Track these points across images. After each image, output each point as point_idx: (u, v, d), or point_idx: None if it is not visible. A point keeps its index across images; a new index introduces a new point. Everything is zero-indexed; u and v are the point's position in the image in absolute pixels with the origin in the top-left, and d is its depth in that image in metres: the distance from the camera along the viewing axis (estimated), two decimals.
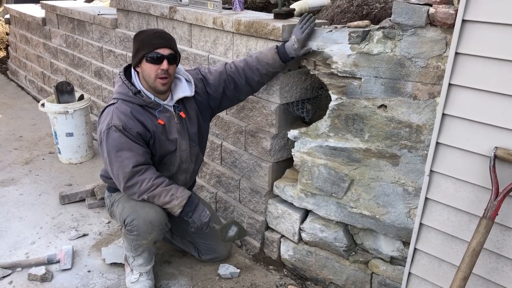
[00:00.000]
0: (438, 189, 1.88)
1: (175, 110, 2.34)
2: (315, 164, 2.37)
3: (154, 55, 2.17)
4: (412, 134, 2.03)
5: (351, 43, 2.08)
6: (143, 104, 2.25)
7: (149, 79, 2.23)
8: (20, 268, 2.63)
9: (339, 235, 2.42)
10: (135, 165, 2.18)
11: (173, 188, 2.25)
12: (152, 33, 2.24)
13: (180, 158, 2.40)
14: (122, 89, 2.26)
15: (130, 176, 2.19)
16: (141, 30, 2.30)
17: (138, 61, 2.22)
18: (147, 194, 2.21)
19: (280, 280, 2.64)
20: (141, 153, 2.21)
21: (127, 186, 2.21)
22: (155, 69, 2.19)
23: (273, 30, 2.37)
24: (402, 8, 1.89)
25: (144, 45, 2.18)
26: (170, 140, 2.32)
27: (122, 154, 2.18)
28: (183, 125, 2.37)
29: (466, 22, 1.63)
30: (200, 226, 2.31)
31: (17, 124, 4.96)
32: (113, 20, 3.93)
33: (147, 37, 2.20)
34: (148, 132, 2.24)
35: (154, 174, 2.23)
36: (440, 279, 1.97)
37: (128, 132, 2.18)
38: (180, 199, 2.24)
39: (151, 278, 2.49)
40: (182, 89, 2.34)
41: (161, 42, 2.19)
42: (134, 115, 2.21)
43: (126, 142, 2.18)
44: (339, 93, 2.21)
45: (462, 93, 1.71)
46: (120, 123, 2.17)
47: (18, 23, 6.17)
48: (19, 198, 3.43)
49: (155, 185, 2.21)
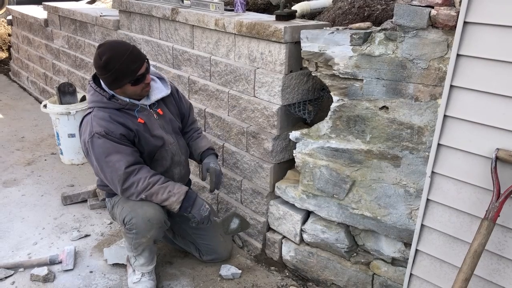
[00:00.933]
0: (440, 190, 1.88)
1: (151, 108, 2.38)
2: (317, 165, 2.38)
3: (137, 78, 2.21)
4: (414, 136, 2.03)
5: (353, 45, 2.09)
6: (120, 108, 2.27)
7: (135, 95, 2.29)
8: (23, 268, 2.64)
9: (340, 236, 2.42)
10: (127, 166, 2.19)
11: (170, 185, 2.26)
12: (124, 59, 2.13)
13: (171, 151, 2.44)
14: (95, 97, 2.28)
15: (125, 178, 2.20)
16: (106, 59, 2.13)
17: (120, 87, 2.23)
18: (144, 193, 2.22)
19: (281, 281, 2.64)
20: (130, 153, 2.22)
21: (124, 189, 2.22)
22: (141, 87, 2.26)
23: (275, 32, 2.38)
24: (404, 10, 1.89)
25: (125, 74, 2.17)
26: (154, 136, 2.35)
27: (112, 158, 2.18)
28: (165, 121, 2.43)
29: (468, 24, 1.64)
30: (201, 221, 2.32)
31: (19, 125, 4.97)
32: (115, 22, 3.95)
33: (123, 65, 2.14)
34: (131, 132, 2.26)
35: (148, 173, 2.24)
36: (441, 280, 1.97)
37: (112, 136, 2.18)
38: (177, 195, 2.24)
39: (153, 279, 2.49)
40: (158, 89, 2.42)
41: (138, 64, 2.19)
42: (113, 118, 2.23)
43: (112, 146, 2.18)
44: (340, 94, 2.22)
45: (464, 95, 1.71)
46: (102, 129, 2.17)
47: (20, 24, 6.18)
48: (21, 198, 3.44)
49: (151, 183, 2.22)
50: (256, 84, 2.60)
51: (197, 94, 3.09)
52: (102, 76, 2.22)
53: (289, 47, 2.40)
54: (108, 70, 2.15)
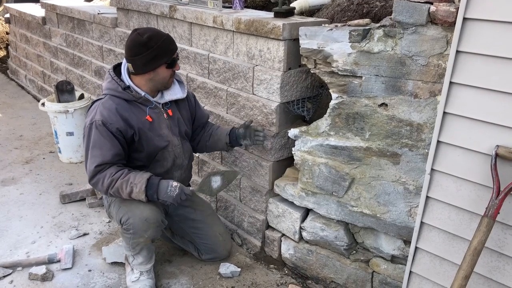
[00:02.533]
0: (439, 187, 1.87)
1: (163, 107, 2.39)
2: (316, 163, 2.37)
3: (173, 60, 2.28)
4: (413, 133, 2.02)
5: (352, 42, 2.08)
6: (132, 100, 2.28)
7: (163, 81, 2.31)
8: (21, 267, 2.63)
9: (339, 234, 2.42)
10: (99, 165, 2.20)
11: (131, 177, 2.19)
12: (164, 38, 2.24)
13: (174, 153, 2.42)
14: (111, 85, 2.30)
15: (92, 175, 2.22)
16: (147, 38, 2.19)
17: (154, 68, 2.25)
18: (110, 190, 2.21)
19: (281, 279, 2.64)
20: (110, 155, 2.20)
21: (92, 184, 2.26)
22: (171, 72, 2.31)
23: (273, 29, 2.37)
24: (403, 6, 1.88)
25: (164, 53, 2.23)
26: (160, 136, 2.35)
27: (93, 152, 2.21)
28: (173, 121, 2.42)
29: (467, 20, 1.63)
30: (174, 201, 2.22)
31: (17, 124, 4.96)
32: (113, 19, 3.93)
33: (164, 45, 2.23)
34: (130, 129, 2.25)
35: (114, 170, 2.21)
36: (441, 278, 1.97)
37: (108, 127, 2.19)
38: (139, 185, 2.18)
39: (151, 277, 2.49)
40: (174, 91, 2.43)
41: (174, 48, 2.29)
42: (119, 111, 2.23)
43: (99, 140, 2.20)
44: (339, 91, 2.21)
45: (463, 92, 1.71)
46: (101, 118, 2.20)
47: (18, 22, 6.16)
48: (19, 197, 3.43)
49: (115, 179, 2.19)
50: (255, 82, 2.59)
51: (195, 92, 3.07)
52: (140, 55, 2.20)
53: (287, 44, 2.38)
54: (149, 47, 2.19)
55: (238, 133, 2.49)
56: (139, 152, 2.32)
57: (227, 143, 2.53)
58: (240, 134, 2.48)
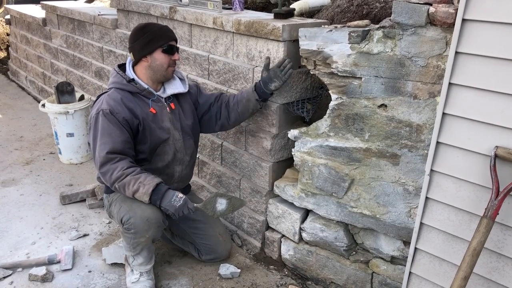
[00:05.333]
0: (439, 188, 1.88)
1: (166, 101, 2.44)
2: (316, 163, 2.37)
3: (170, 46, 2.33)
4: (413, 134, 2.02)
5: (351, 43, 2.08)
6: (136, 92, 2.35)
7: (161, 68, 2.35)
8: (21, 268, 2.63)
9: (339, 234, 2.42)
10: (110, 152, 2.20)
11: (142, 176, 2.20)
12: (161, 26, 2.38)
13: (174, 147, 2.45)
14: (116, 79, 2.38)
15: (104, 162, 2.21)
16: (144, 24, 2.40)
17: (150, 52, 2.31)
18: (117, 184, 2.21)
19: (280, 280, 2.64)
20: (120, 141, 2.23)
21: (101, 173, 2.24)
22: (168, 59, 2.35)
23: (273, 30, 2.37)
24: (402, 8, 1.89)
25: (159, 37, 2.31)
26: (162, 128, 2.38)
27: (102, 139, 2.23)
28: (175, 116, 2.46)
29: (466, 21, 1.63)
30: (176, 212, 2.22)
31: (17, 125, 4.96)
32: (114, 21, 3.94)
33: (160, 30, 2.34)
34: (135, 119, 2.30)
35: (127, 164, 2.22)
36: (440, 279, 1.97)
37: (115, 117, 2.24)
38: (147, 186, 2.18)
39: (151, 278, 2.49)
40: (175, 85, 2.49)
41: (172, 35, 2.37)
42: (124, 102, 2.30)
43: (108, 127, 2.23)
44: (339, 92, 2.21)
45: (462, 92, 1.71)
46: (108, 107, 2.25)
47: (18, 23, 6.17)
48: (19, 198, 3.43)
49: (125, 174, 2.19)
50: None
51: None
52: (137, 40, 2.32)
53: (287, 45, 2.39)
54: (144, 32, 2.31)
55: (264, 79, 2.36)
56: (143, 144, 2.35)
57: (257, 99, 2.41)
58: (266, 78, 2.35)
